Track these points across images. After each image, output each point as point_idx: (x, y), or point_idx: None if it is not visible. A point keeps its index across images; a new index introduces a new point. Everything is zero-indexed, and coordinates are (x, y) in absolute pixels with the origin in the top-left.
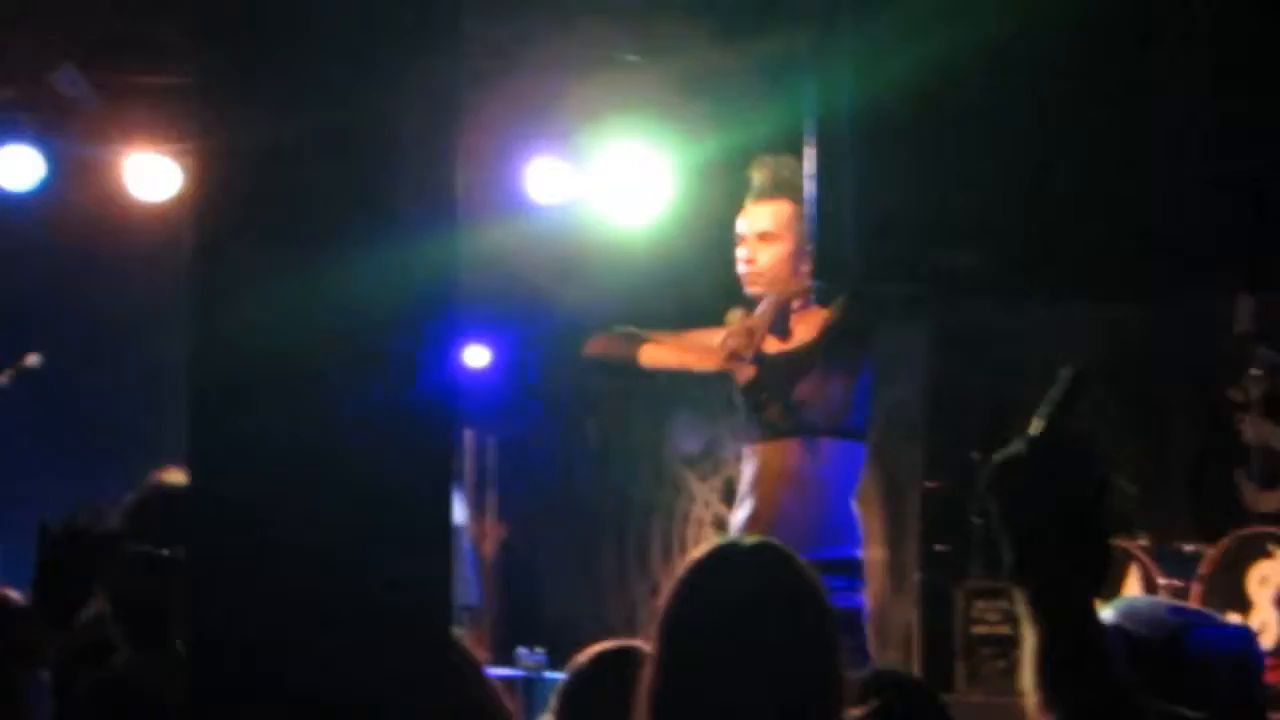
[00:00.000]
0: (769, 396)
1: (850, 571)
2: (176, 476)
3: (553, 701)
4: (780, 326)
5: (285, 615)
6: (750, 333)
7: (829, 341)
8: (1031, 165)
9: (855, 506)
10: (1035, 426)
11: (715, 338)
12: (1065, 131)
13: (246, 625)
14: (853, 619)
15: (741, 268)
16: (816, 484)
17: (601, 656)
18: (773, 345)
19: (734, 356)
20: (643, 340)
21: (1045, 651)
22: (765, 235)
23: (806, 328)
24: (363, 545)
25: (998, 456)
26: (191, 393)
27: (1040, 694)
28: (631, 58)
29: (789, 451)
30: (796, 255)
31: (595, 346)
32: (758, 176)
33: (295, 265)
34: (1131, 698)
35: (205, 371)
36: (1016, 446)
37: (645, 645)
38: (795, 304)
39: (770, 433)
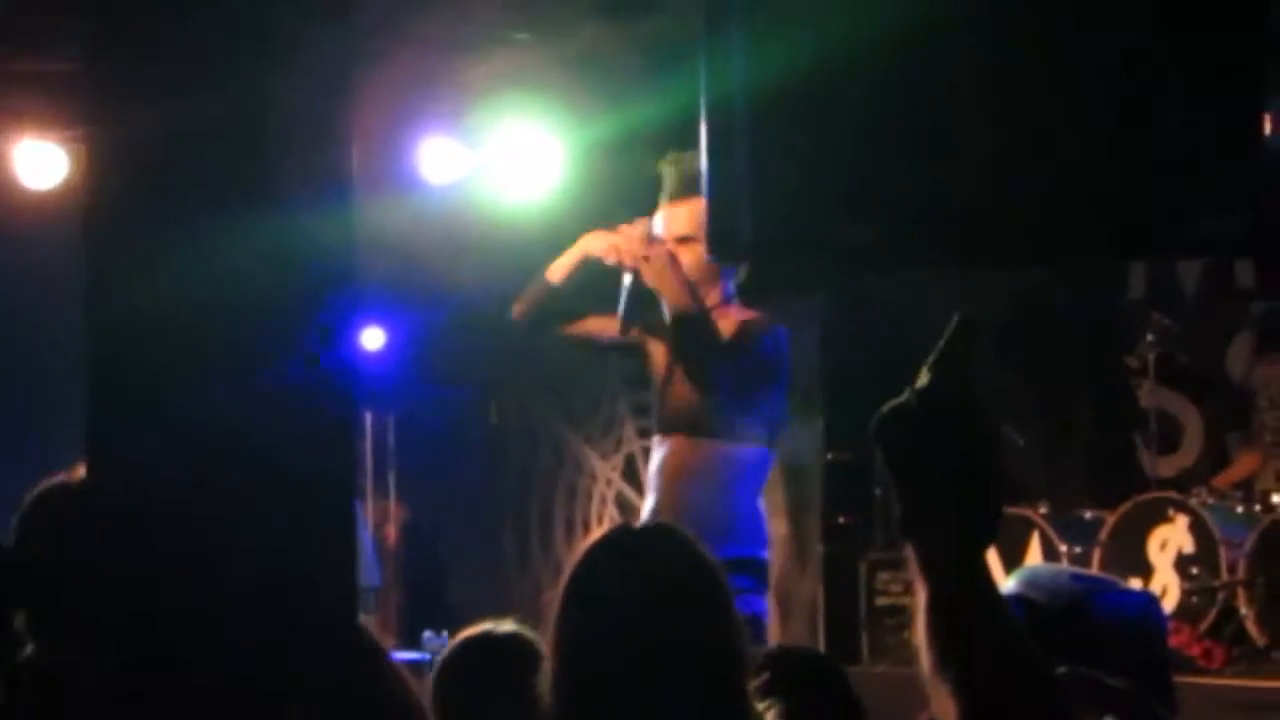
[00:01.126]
0: (676, 387)
1: (753, 572)
2: (73, 475)
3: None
4: None
5: (186, 599)
6: (633, 236)
7: (744, 353)
8: (928, 139)
9: (761, 506)
10: (923, 377)
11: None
12: (959, 101)
13: (146, 609)
14: (752, 626)
15: (648, 272)
16: (722, 482)
17: (468, 642)
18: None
19: (629, 254)
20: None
21: (935, 607)
22: (684, 239)
23: (725, 327)
24: (263, 527)
25: (885, 407)
26: (88, 377)
27: (932, 652)
28: (522, 36)
29: (696, 448)
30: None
31: (524, 304)
32: (670, 175)
33: (185, 248)
34: (1028, 651)
35: (99, 356)
36: (904, 397)
37: (519, 627)
38: (714, 300)
39: (677, 426)
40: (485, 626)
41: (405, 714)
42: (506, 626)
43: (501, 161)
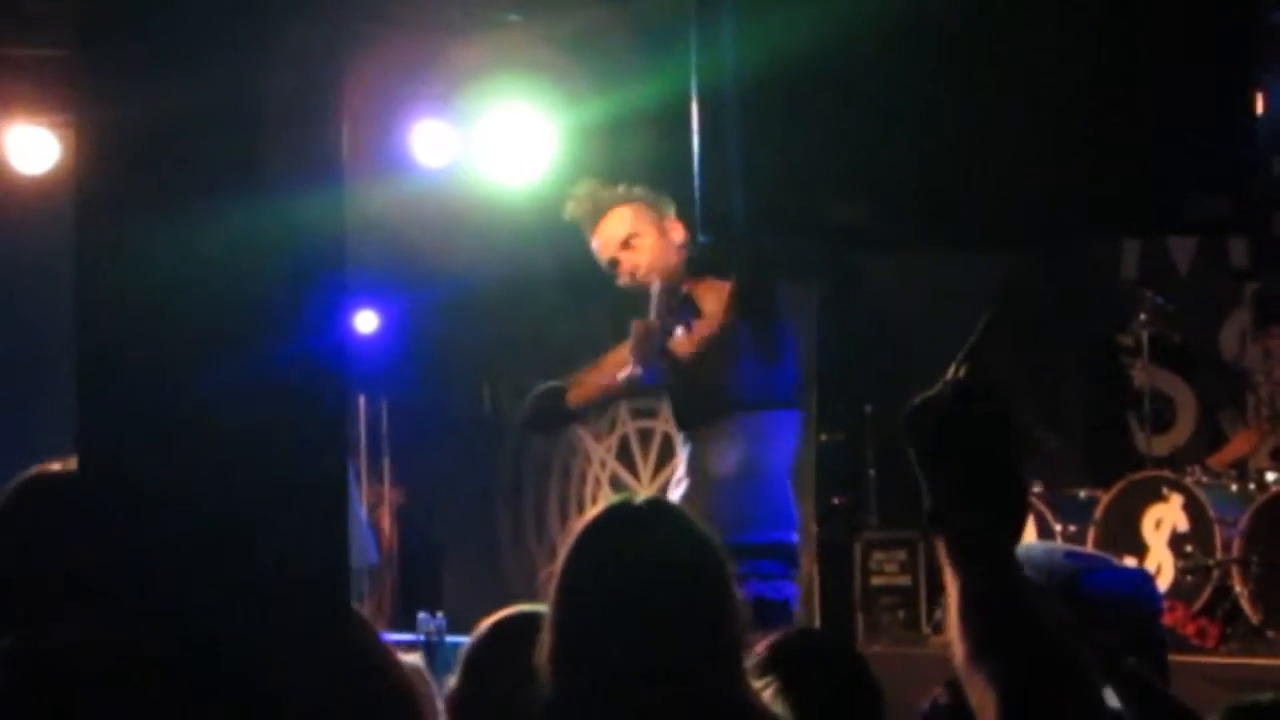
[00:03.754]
0: (694, 383)
1: (783, 557)
2: (66, 464)
3: (456, 667)
4: (688, 309)
5: (178, 585)
6: (648, 333)
7: (739, 314)
8: (917, 119)
9: (790, 484)
10: (953, 371)
11: (625, 352)
12: (951, 84)
13: (139, 596)
14: (781, 611)
15: (627, 280)
16: (751, 465)
17: (501, 623)
18: (684, 332)
19: (644, 361)
20: (564, 388)
21: (967, 600)
22: (626, 241)
23: (714, 300)
24: (256, 511)
25: (916, 400)
26: (77, 364)
27: (966, 644)
28: (513, 17)
29: (721, 434)
30: (665, 237)
31: (528, 415)
32: (581, 210)
33: (176, 233)
34: (1062, 643)
35: (89, 343)
36: (935, 390)
37: (545, 609)
38: (688, 282)
39: (701, 418)
40: (522, 608)
41: (396, 699)
42: (528, 608)
43: (494, 144)
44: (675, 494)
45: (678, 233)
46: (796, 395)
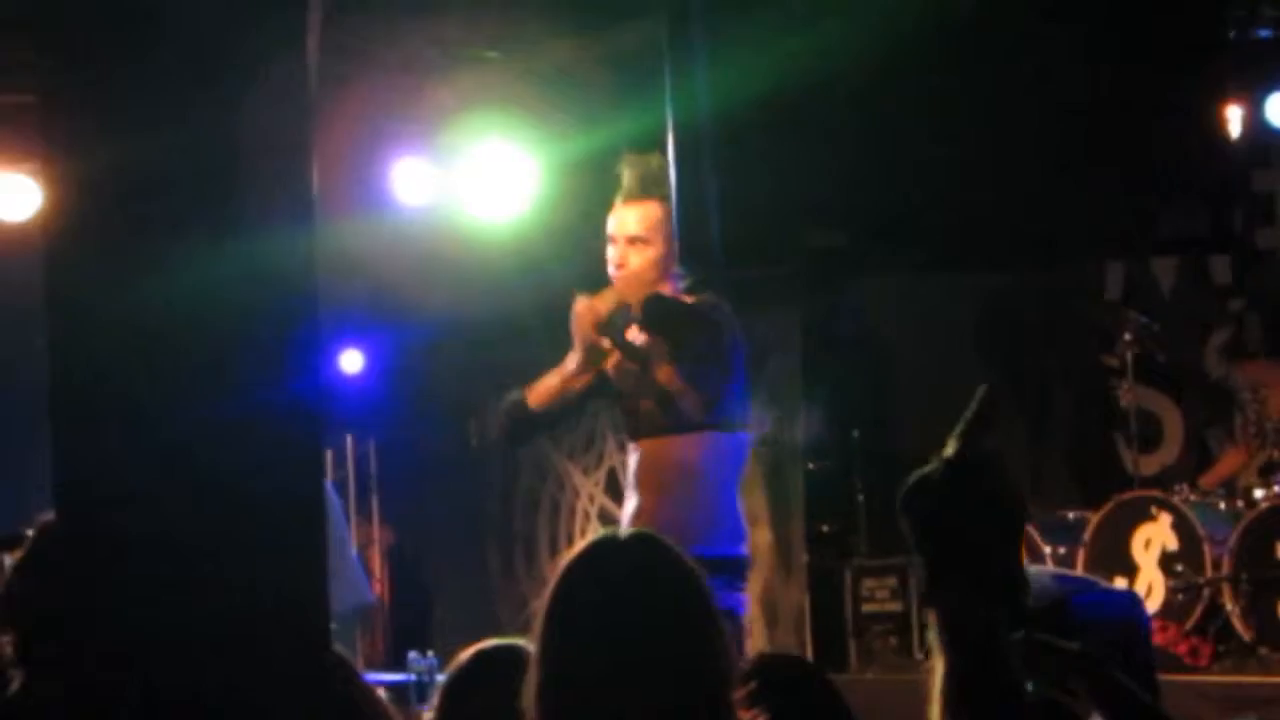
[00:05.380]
0: (641, 393)
1: (730, 571)
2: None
3: (434, 699)
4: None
5: (156, 621)
6: (589, 310)
7: (689, 335)
8: (893, 145)
9: (739, 501)
10: (950, 447)
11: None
12: (927, 111)
13: (117, 632)
14: (731, 620)
15: (611, 270)
16: (696, 479)
17: (481, 655)
18: (639, 339)
19: (591, 343)
20: (524, 394)
21: (954, 680)
22: (634, 239)
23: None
24: (232, 549)
25: (912, 477)
26: (51, 404)
27: None
28: (491, 54)
29: (668, 447)
30: (666, 258)
31: (502, 429)
32: (627, 176)
33: (148, 268)
34: None
35: (62, 386)
36: (932, 467)
37: (527, 643)
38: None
39: (647, 429)
40: (501, 640)
41: None
42: (508, 641)
43: (474, 180)
44: (625, 509)
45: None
46: (743, 419)
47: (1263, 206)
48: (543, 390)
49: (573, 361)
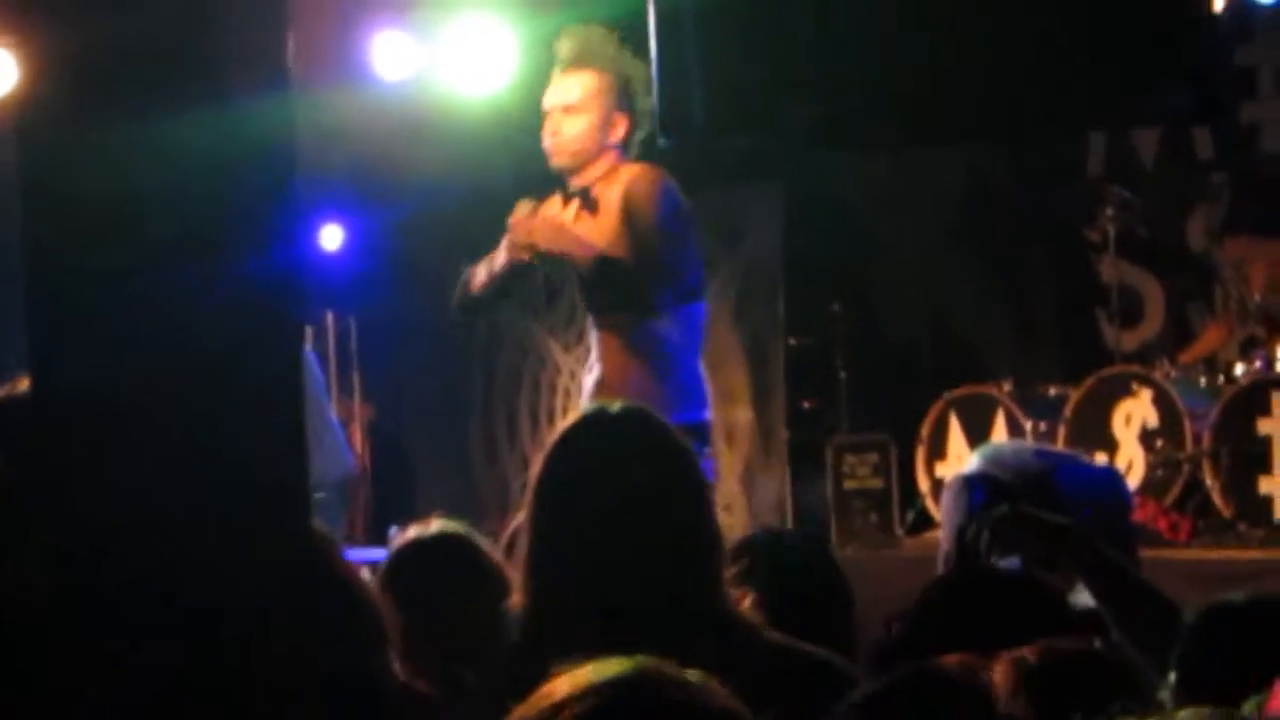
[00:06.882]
0: (598, 273)
1: (696, 436)
2: (16, 386)
3: (378, 584)
4: (587, 201)
5: (137, 506)
6: (522, 222)
7: (633, 211)
8: (875, 18)
9: (701, 368)
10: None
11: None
12: None
13: (99, 519)
14: None
15: (546, 141)
16: (656, 351)
17: (420, 540)
18: (585, 222)
19: (512, 250)
20: (469, 274)
21: None
22: (570, 108)
23: (611, 196)
24: (214, 430)
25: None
26: (26, 281)
27: None
28: None
29: (625, 323)
30: (602, 126)
31: (455, 304)
32: (565, 47)
33: (124, 144)
34: None
35: (39, 260)
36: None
37: (466, 529)
38: (600, 172)
39: (603, 307)
40: (419, 528)
41: (358, 614)
42: (437, 526)
43: (455, 54)
44: (588, 380)
45: (618, 131)
46: (698, 287)
47: (1246, 81)
48: (477, 277)
49: (499, 259)
